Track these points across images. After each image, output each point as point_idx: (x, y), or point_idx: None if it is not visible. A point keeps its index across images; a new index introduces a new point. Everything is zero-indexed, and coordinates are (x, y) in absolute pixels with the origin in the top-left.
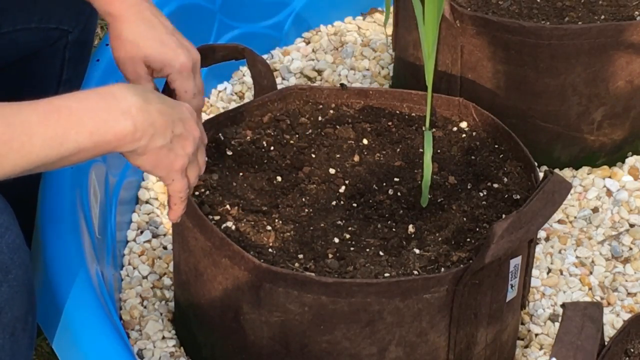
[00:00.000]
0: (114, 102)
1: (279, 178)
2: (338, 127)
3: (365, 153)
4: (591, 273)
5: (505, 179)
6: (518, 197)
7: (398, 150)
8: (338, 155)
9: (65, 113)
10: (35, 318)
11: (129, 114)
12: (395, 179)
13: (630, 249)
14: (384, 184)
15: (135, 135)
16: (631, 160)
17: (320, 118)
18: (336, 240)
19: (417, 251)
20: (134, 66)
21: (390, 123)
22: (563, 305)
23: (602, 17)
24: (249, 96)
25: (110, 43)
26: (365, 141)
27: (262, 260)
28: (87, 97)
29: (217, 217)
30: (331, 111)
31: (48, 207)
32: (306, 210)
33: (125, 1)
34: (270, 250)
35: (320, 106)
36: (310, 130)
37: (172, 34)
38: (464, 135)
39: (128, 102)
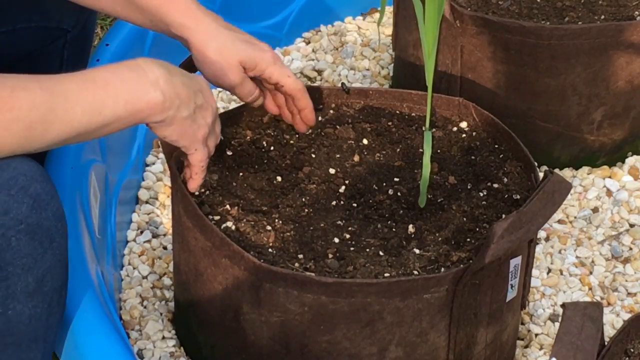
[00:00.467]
0: (143, 74)
1: (279, 178)
2: (338, 127)
3: (365, 153)
4: (591, 273)
5: (505, 179)
6: (518, 197)
7: (398, 150)
8: (338, 155)
9: (101, 83)
10: (66, 295)
11: (157, 85)
12: (395, 179)
13: (630, 249)
14: (384, 184)
15: (165, 105)
16: (631, 160)
17: (320, 118)
18: (336, 240)
19: (417, 251)
20: (233, 72)
21: (390, 123)
22: (563, 305)
23: (602, 17)
24: None
25: (198, 58)
26: (365, 141)
27: (262, 260)
28: (117, 68)
29: (217, 217)
30: (331, 111)
31: None
32: (306, 210)
33: (197, 10)
34: (270, 250)
35: (320, 106)
36: (310, 130)
37: (243, 33)
38: (463, 135)
39: (155, 73)
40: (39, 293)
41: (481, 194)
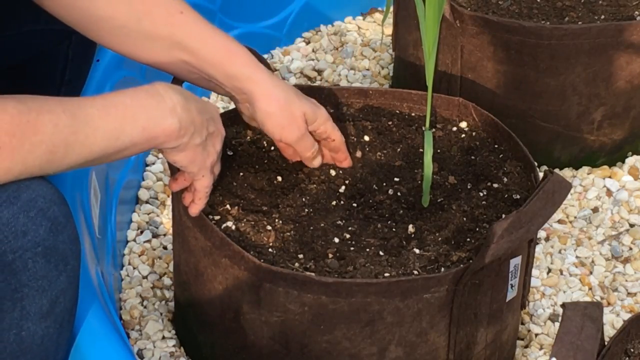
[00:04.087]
0: (161, 100)
1: (279, 178)
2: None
3: (367, 149)
4: (591, 273)
5: (505, 179)
6: (518, 197)
7: (399, 149)
8: None
9: (121, 108)
10: (76, 313)
11: (175, 112)
12: (396, 179)
13: (630, 249)
14: (384, 183)
15: (180, 133)
16: (631, 160)
17: None
18: (336, 240)
19: (417, 251)
20: (298, 123)
21: (390, 122)
22: (563, 305)
23: (602, 17)
24: None
25: (262, 109)
26: (366, 137)
27: (262, 260)
28: (136, 94)
29: (217, 217)
30: (331, 110)
31: None
32: (306, 210)
33: (258, 63)
34: (270, 250)
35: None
36: None
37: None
38: (463, 135)
39: (173, 100)
40: (52, 314)
41: (481, 194)
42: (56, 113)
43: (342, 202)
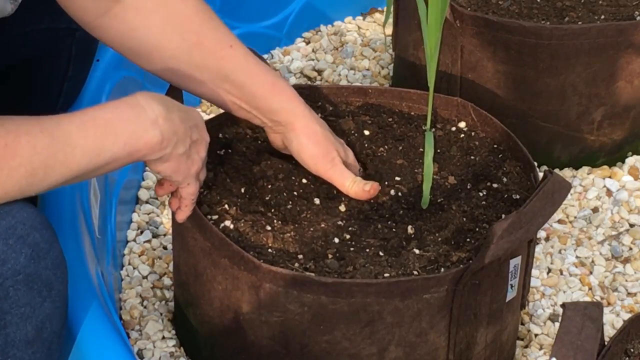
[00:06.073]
0: (143, 112)
1: (279, 176)
2: (338, 120)
3: (367, 145)
4: (591, 273)
5: (505, 179)
6: (517, 197)
7: (400, 148)
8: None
9: (101, 124)
10: (65, 334)
11: (156, 124)
12: (397, 178)
13: (630, 249)
14: (386, 182)
15: (162, 144)
16: (631, 160)
17: (319, 115)
18: (336, 240)
19: (417, 251)
20: (331, 157)
21: (390, 119)
22: (563, 305)
23: (602, 17)
24: None
25: (301, 141)
26: (366, 132)
27: (261, 261)
28: (117, 107)
29: (215, 217)
30: (330, 108)
31: (48, 207)
32: (305, 210)
33: (300, 97)
34: (269, 250)
35: (319, 103)
36: None
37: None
38: (462, 135)
39: (155, 111)
40: (38, 340)
41: (481, 194)
42: (34, 134)
43: (342, 202)
